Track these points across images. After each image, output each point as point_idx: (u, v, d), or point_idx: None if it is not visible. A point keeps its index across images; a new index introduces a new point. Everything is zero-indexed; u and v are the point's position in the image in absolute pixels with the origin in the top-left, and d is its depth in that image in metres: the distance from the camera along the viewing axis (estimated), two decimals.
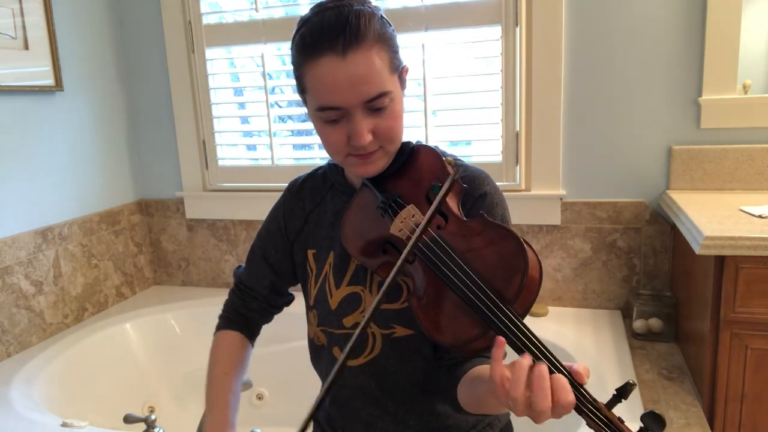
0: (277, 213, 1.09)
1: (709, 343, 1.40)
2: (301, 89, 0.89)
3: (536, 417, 0.66)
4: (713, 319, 1.38)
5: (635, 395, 1.44)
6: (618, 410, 0.68)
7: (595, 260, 1.93)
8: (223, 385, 1.06)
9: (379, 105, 0.84)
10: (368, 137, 0.84)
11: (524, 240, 0.75)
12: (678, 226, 1.58)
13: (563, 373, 0.67)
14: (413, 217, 0.84)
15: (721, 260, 1.35)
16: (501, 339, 0.68)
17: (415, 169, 0.91)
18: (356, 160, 0.89)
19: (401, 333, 0.95)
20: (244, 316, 1.13)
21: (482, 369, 0.84)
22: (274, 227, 1.09)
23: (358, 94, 0.82)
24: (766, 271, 1.32)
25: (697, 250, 1.33)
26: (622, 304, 1.94)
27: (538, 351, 0.68)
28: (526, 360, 0.67)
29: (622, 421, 0.67)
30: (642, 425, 0.67)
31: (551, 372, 0.66)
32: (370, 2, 0.87)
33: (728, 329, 1.36)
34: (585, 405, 0.66)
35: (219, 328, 1.14)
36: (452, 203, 0.85)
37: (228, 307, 1.15)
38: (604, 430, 0.67)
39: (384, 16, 0.87)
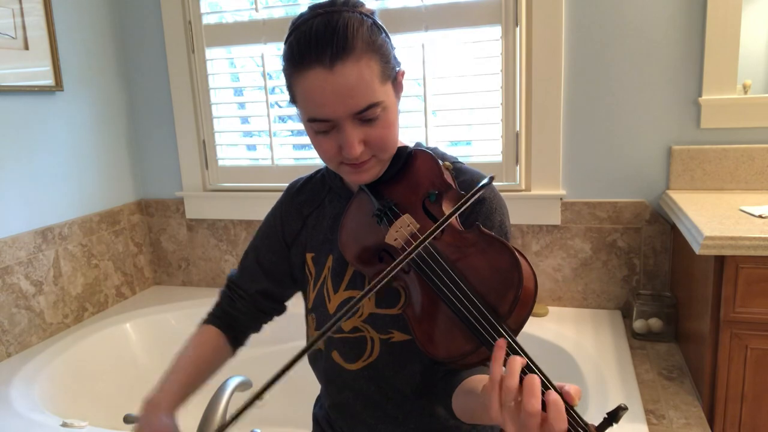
0: (274, 216, 1.08)
1: (709, 343, 1.40)
2: (292, 98, 0.89)
3: (526, 429, 0.64)
4: (713, 319, 1.38)
5: (635, 395, 1.44)
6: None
7: (595, 260, 1.93)
8: (186, 372, 1.01)
9: (369, 116, 0.82)
10: (359, 148, 0.83)
11: (519, 251, 0.74)
12: (678, 226, 1.58)
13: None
14: (408, 226, 0.83)
15: (721, 260, 1.35)
16: (501, 341, 0.68)
17: (411, 174, 0.89)
18: (349, 169, 0.88)
19: (399, 338, 0.95)
20: (231, 315, 1.10)
21: (476, 381, 0.83)
22: (270, 230, 1.08)
23: (346, 107, 0.81)
24: (766, 271, 1.32)
25: (697, 250, 1.33)
26: (622, 304, 1.94)
27: (530, 369, 0.68)
28: (519, 358, 0.66)
29: None
30: None
31: (545, 388, 0.65)
32: (363, 5, 0.85)
33: (728, 329, 1.36)
34: (575, 428, 0.65)
35: (203, 322, 1.11)
36: (449, 211, 0.83)
37: (217, 306, 1.13)
38: None
39: (377, 21, 0.85)
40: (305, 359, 1.08)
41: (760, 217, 1.44)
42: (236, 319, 1.10)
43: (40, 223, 1.95)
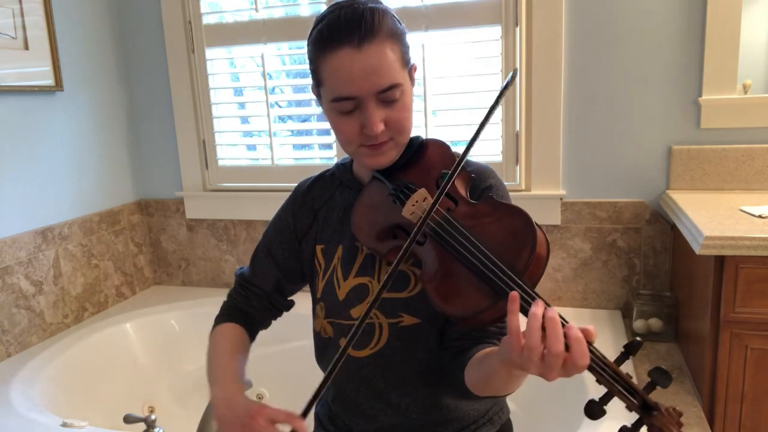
0: (286, 211, 1.11)
1: (709, 343, 1.40)
2: (317, 82, 0.94)
3: (549, 369, 0.68)
4: (713, 319, 1.38)
5: None
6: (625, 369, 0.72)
7: (595, 260, 1.93)
8: (231, 361, 1.01)
9: (390, 97, 0.89)
10: (380, 126, 0.89)
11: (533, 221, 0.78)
12: (678, 226, 1.58)
13: None
14: (425, 200, 0.88)
15: (721, 260, 1.35)
16: (515, 294, 0.71)
17: (424, 160, 0.96)
18: (367, 151, 0.93)
19: (408, 322, 0.97)
20: (245, 312, 1.12)
21: (490, 349, 0.87)
22: (282, 225, 1.10)
23: (372, 85, 0.87)
24: (766, 271, 1.32)
25: (697, 250, 1.33)
26: (622, 304, 1.94)
27: None
28: (539, 308, 0.69)
29: (630, 377, 0.70)
30: (650, 380, 0.69)
31: (564, 325, 0.69)
32: (381, 1, 0.93)
33: (728, 329, 1.36)
34: (595, 361, 0.69)
35: (218, 323, 1.11)
36: (461, 189, 0.90)
37: (227, 305, 1.14)
38: (613, 385, 0.70)
39: (395, 15, 0.93)
40: (311, 353, 1.09)
41: (760, 217, 1.44)
42: (252, 316, 1.12)
43: (40, 223, 1.95)
